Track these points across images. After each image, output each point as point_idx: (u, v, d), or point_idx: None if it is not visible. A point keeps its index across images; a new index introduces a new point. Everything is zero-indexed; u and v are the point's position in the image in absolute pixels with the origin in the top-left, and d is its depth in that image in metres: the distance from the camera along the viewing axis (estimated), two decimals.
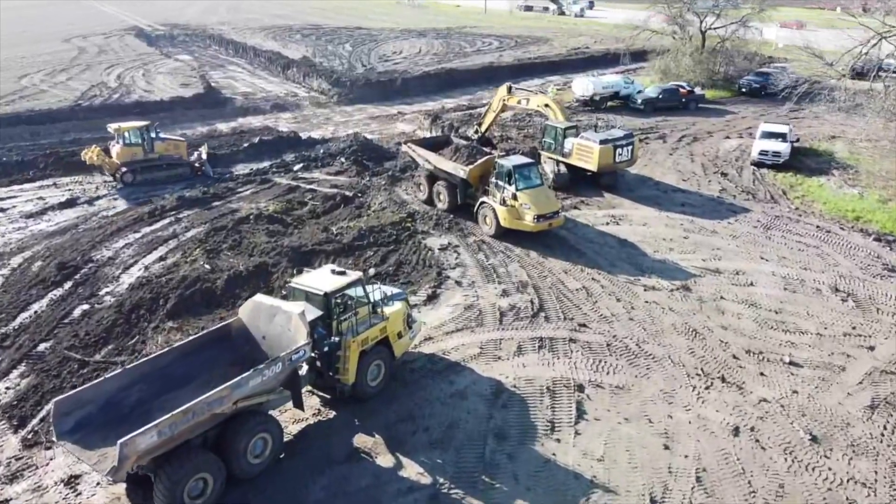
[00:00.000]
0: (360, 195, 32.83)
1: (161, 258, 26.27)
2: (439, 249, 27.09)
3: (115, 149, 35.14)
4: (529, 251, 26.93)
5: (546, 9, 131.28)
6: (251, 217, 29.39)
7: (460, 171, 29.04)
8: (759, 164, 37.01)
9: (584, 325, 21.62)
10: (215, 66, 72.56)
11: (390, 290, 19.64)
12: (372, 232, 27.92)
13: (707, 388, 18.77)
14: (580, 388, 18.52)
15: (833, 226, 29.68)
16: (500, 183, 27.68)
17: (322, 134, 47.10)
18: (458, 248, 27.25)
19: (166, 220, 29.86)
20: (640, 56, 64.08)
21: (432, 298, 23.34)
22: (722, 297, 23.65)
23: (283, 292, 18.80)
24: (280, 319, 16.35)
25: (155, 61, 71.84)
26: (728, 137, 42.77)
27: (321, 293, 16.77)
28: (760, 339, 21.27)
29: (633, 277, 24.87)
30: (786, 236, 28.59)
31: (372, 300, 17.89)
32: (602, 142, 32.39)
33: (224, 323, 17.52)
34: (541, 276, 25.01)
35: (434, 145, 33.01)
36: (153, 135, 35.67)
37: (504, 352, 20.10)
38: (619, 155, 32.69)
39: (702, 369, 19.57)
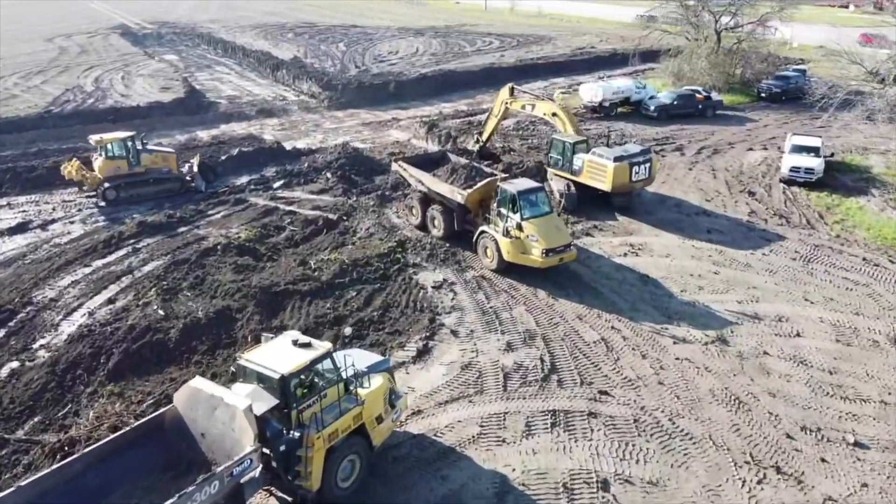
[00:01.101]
0: (344, 218, 29.19)
1: (110, 300, 22.65)
2: (433, 287, 23.47)
3: (97, 162, 31.70)
4: (537, 290, 23.30)
5: None
6: (219, 247, 25.74)
7: (457, 195, 25.40)
8: (789, 182, 33.35)
9: (606, 393, 17.99)
10: (202, 67, 68.86)
11: (369, 358, 16.04)
12: (356, 266, 24.28)
13: (759, 482, 15.17)
14: (604, 484, 14.90)
15: (881, 257, 26.05)
16: (503, 211, 24.05)
17: (309, 143, 43.46)
18: (454, 286, 23.62)
19: (122, 251, 26.23)
20: (649, 56, 60.41)
21: (423, 353, 19.71)
22: (765, 353, 20.02)
23: (233, 369, 15.22)
24: (222, 414, 12.73)
25: (137, 62, 68.12)
26: (751, 149, 39.08)
27: (276, 376, 13.15)
28: (816, 410, 17.68)
29: (659, 326, 21.24)
30: (829, 271, 24.95)
31: (345, 378, 14.28)
32: (617, 159, 28.74)
33: (155, 414, 13.85)
34: (551, 323, 21.38)
35: (428, 163, 29.37)
36: (139, 146, 32.26)
37: (509, 432, 16.48)
38: (636, 174, 29.04)
39: (751, 455, 15.96)
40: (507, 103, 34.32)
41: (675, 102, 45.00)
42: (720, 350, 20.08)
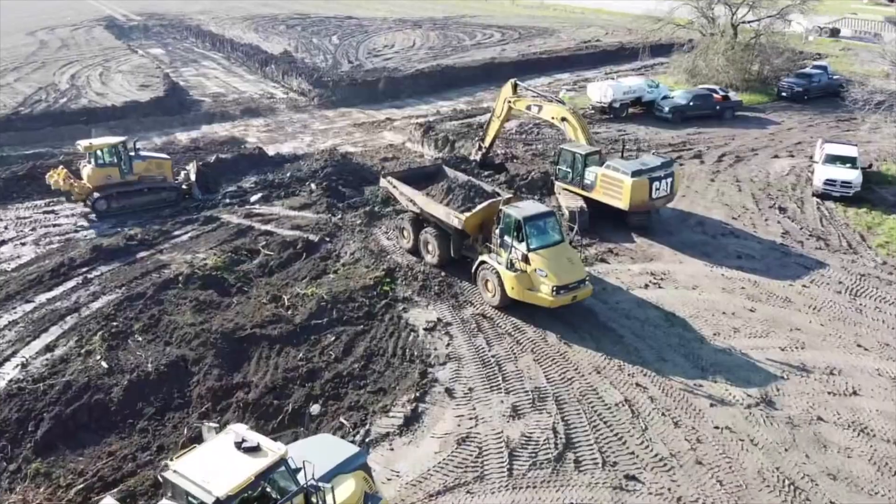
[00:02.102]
0: (327, 240, 25.89)
1: (48, 347, 19.40)
2: (425, 330, 20.21)
3: (86, 170, 28.71)
4: (546, 333, 20.04)
5: None
6: (180, 278, 22.46)
7: (454, 219, 22.09)
8: (823, 196, 30.01)
9: (633, 479, 14.75)
10: (188, 62, 65.32)
11: (339, 450, 12.79)
12: (336, 303, 21.00)
13: None
14: None
15: None
16: (507, 239, 20.73)
17: (295, 147, 40.16)
18: (449, 328, 20.36)
19: (72, 282, 22.94)
20: (659, 50, 56.91)
21: (412, 421, 16.48)
22: (819, 418, 16.80)
23: (160, 478, 11.94)
24: None
25: (118, 57, 64.50)
26: (777, 156, 35.68)
27: (210, 500, 9.91)
28: (885, 497, 14.48)
29: (692, 382, 17.98)
30: (881, 308, 21.69)
31: (305, 486, 11.06)
32: (635, 173, 25.41)
33: None
34: (564, 377, 18.13)
35: (421, 178, 26.05)
36: (132, 153, 29.28)
37: None
38: (657, 190, 25.72)
39: None
40: (510, 102, 30.96)
41: (692, 103, 41.54)
42: (766, 415, 16.83)
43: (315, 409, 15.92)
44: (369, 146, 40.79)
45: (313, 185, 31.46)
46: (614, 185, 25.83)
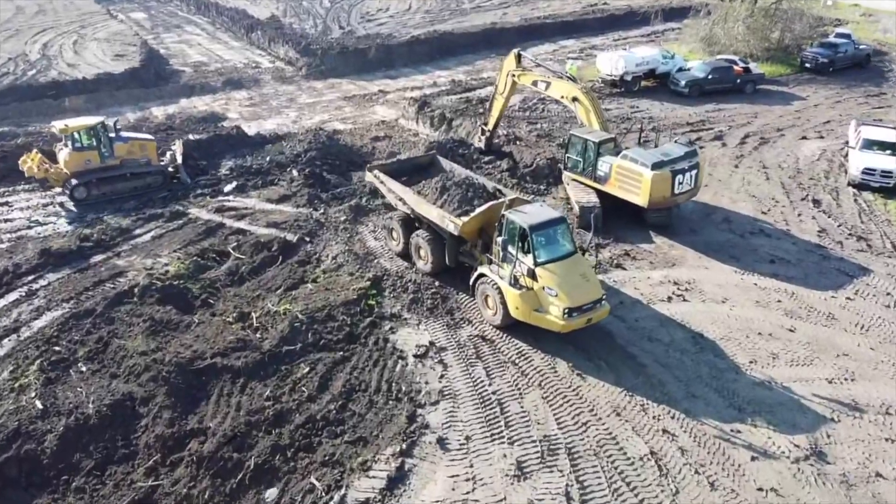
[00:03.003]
0: (307, 240, 23.00)
1: None
2: (415, 357, 17.44)
3: (63, 154, 26.14)
4: (556, 361, 17.28)
5: None
6: (136, 290, 19.62)
7: (449, 223, 19.16)
8: (860, 186, 27.01)
9: None
10: (170, 28, 61.56)
11: None
12: (313, 322, 18.20)
13: None
14: None
15: None
16: (511, 250, 17.81)
17: (279, 124, 37.06)
18: (443, 354, 17.59)
19: (14, 295, 20.10)
20: (672, 14, 53.15)
21: (396, 484, 13.79)
22: (878, 475, 14.14)
23: None
24: None
25: (95, 23, 60.63)
26: (805, 138, 32.53)
27: None
28: None
29: (728, 426, 15.27)
30: None
31: None
32: (656, 165, 22.39)
33: None
34: (577, 421, 15.41)
35: (413, 170, 23.11)
36: (112, 134, 26.74)
37: None
38: (680, 184, 22.73)
39: None
40: (513, 76, 27.74)
41: (710, 77, 38.17)
42: (817, 471, 14.16)
43: (271, 494, 13.19)
44: (359, 123, 37.65)
45: (295, 172, 28.44)
46: (632, 179, 22.83)
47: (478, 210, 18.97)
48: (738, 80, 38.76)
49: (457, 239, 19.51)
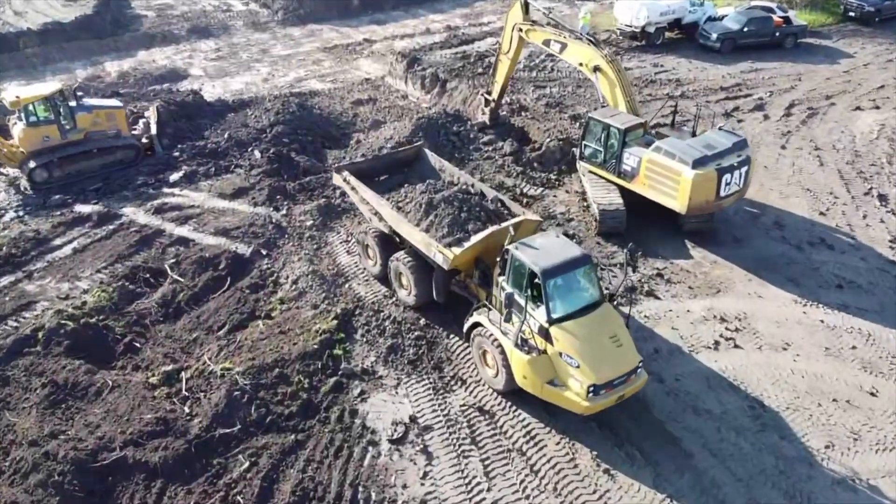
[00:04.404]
0: (263, 253, 18.62)
1: None
2: (391, 442, 13.30)
3: (16, 130, 22.14)
4: (575, 449, 13.16)
5: None
6: (41, 335, 15.34)
7: (437, 254, 14.74)
8: None
9: None
10: None
11: None
12: (259, 389, 14.01)
13: None
14: None
15: None
16: (517, 296, 13.40)
17: (246, 83, 32.24)
18: (428, 437, 13.44)
19: None
20: None
21: None
22: None
23: None
24: None
25: None
26: (859, 108, 27.68)
27: None
28: None
29: None
30: None
31: None
32: (698, 163, 17.80)
33: None
34: None
35: (393, 167, 18.54)
36: (73, 103, 22.78)
37: None
38: (726, 185, 18.18)
39: None
40: (520, 31, 22.75)
41: (746, 29, 32.92)
42: None
43: None
44: (340, 81, 32.77)
45: (257, 153, 23.85)
46: (667, 178, 18.28)
47: (473, 240, 14.52)
48: (777, 33, 33.52)
49: (447, 271, 15.12)
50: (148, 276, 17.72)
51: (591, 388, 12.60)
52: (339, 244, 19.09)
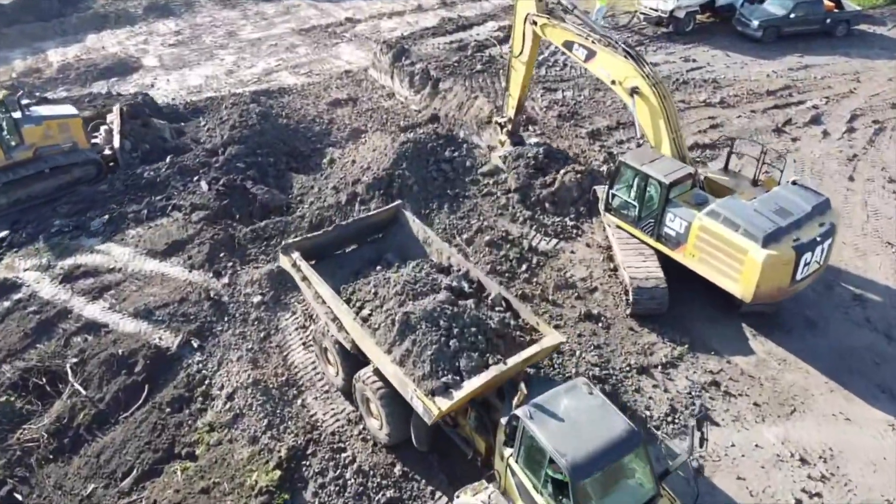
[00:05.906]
0: (194, 346, 14.25)
1: None
2: None
3: None
4: None
5: None
6: None
7: (417, 402, 10.35)
8: None
9: None
10: None
11: None
12: None
13: None
14: None
15: None
16: (530, 486, 9.09)
17: (206, 77, 27.84)
18: None
19: None
20: None
21: None
22: None
23: None
24: None
25: None
26: None
27: None
28: None
29: None
30: None
31: None
32: (769, 238, 13.28)
33: None
34: None
35: (363, 234, 14.04)
36: (17, 114, 18.84)
37: None
38: (805, 266, 13.71)
39: None
40: (533, 24, 17.79)
41: (792, 15, 27.93)
42: None
43: None
44: (316, 74, 28.15)
45: (204, 185, 19.29)
46: (726, 255, 13.80)
47: (466, 389, 10.08)
48: (829, 20, 28.55)
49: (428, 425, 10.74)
50: (41, 384, 13.38)
51: None
52: (293, 331, 14.69)
